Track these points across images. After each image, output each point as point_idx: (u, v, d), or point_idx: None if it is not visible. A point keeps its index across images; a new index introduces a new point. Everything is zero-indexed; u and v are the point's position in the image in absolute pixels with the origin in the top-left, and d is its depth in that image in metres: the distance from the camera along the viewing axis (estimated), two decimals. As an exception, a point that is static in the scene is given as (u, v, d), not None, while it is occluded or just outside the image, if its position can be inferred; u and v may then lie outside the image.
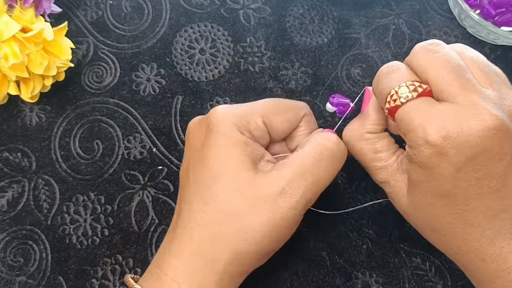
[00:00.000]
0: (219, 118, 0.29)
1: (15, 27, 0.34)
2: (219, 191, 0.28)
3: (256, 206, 0.27)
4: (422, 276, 0.35)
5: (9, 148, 0.39)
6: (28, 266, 0.36)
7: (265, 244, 0.28)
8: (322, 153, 0.29)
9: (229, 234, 0.27)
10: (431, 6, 0.43)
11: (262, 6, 0.43)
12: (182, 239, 0.28)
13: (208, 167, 0.28)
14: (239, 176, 0.28)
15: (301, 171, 0.28)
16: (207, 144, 0.29)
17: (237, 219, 0.27)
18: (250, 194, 0.27)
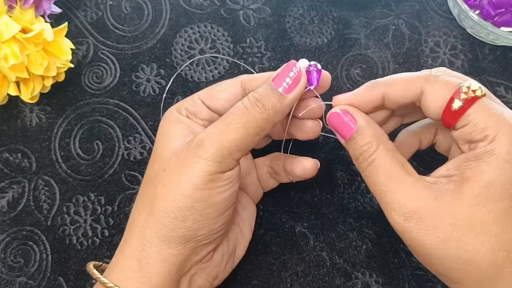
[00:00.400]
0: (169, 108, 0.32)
1: (15, 28, 0.34)
2: (150, 163, 0.30)
3: (168, 162, 0.28)
4: (422, 276, 0.35)
5: (9, 149, 0.39)
6: (28, 266, 0.36)
7: (180, 202, 0.27)
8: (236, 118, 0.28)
9: (148, 195, 0.29)
10: (430, 7, 0.43)
11: (262, 6, 0.43)
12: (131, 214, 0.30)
13: (154, 146, 0.31)
14: (165, 146, 0.29)
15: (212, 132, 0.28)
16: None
17: (152, 180, 0.29)
18: (167, 156, 0.29)
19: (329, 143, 0.39)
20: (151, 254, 0.27)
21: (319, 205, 0.37)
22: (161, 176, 0.28)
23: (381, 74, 0.41)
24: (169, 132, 0.30)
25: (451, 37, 0.42)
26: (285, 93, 0.29)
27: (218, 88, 0.32)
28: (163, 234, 0.27)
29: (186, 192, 0.27)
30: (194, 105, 0.32)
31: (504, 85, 0.40)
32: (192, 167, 0.27)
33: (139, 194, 0.30)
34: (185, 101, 0.32)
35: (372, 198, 0.37)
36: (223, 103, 0.31)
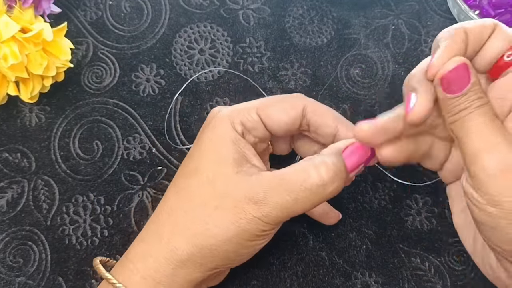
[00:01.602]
0: (214, 114, 0.30)
1: (15, 28, 0.34)
2: (193, 182, 0.28)
3: (224, 203, 0.27)
4: (422, 276, 0.35)
5: (9, 149, 0.39)
6: (27, 266, 0.36)
7: (227, 244, 0.27)
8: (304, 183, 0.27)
9: (192, 223, 0.28)
10: (430, 7, 0.43)
11: (261, 6, 0.43)
12: (149, 225, 0.29)
13: (192, 159, 0.29)
14: (217, 170, 0.28)
15: (277, 191, 0.27)
16: (199, 138, 0.30)
17: (202, 213, 0.27)
18: (221, 190, 0.27)
19: (329, 143, 0.39)
20: (181, 273, 0.28)
21: (318, 205, 0.37)
22: (213, 214, 0.27)
23: (380, 74, 0.41)
24: (222, 153, 0.28)
25: (450, 37, 0.42)
26: (350, 171, 0.28)
27: (278, 107, 0.30)
28: (199, 263, 0.28)
29: (238, 241, 0.27)
30: (251, 121, 0.30)
31: (503, 85, 0.40)
32: (251, 224, 0.27)
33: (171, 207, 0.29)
34: (240, 112, 0.30)
35: (372, 198, 0.37)
36: (281, 125, 0.30)
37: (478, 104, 0.25)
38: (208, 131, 0.30)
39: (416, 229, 0.37)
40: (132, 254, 0.29)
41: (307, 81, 0.41)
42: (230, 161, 0.28)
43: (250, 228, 0.27)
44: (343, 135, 0.30)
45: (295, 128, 0.31)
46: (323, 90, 0.40)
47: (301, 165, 0.28)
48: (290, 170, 0.28)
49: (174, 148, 0.39)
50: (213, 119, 0.30)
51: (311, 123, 0.31)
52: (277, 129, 0.30)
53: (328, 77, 0.41)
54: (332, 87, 0.40)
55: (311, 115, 0.30)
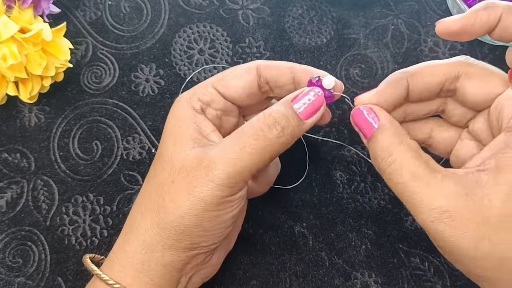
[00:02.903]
0: (176, 100, 0.31)
1: (14, 28, 0.34)
2: (157, 166, 0.29)
3: (179, 177, 0.27)
4: (421, 276, 0.35)
5: (8, 149, 0.39)
6: (27, 267, 0.36)
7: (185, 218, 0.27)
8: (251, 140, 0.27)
9: (154, 203, 0.28)
10: (430, 7, 0.43)
11: (261, 6, 0.43)
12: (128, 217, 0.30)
13: (159, 146, 0.30)
14: (174, 150, 0.28)
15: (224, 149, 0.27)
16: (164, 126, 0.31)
17: (161, 189, 0.28)
18: (178, 167, 0.28)
19: (328, 143, 0.39)
20: (154, 257, 0.28)
21: (318, 205, 0.37)
22: (169, 188, 0.27)
23: (380, 74, 0.41)
24: (179, 133, 0.29)
25: (450, 37, 0.42)
26: (305, 118, 0.28)
27: (231, 74, 0.31)
28: (167, 243, 0.27)
29: (195, 212, 0.27)
30: (208, 95, 0.30)
31: (503, 85, 0.40)
32: (203, 190, 0.26)
33: (142, 194, 0.30)
34: (196, 89, 0.30)
35: (372, 198, 0.37)
36: (239, 91, 0.30)
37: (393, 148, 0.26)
38: (169, 115, 0.30)
39: (415, 229, 0.37)
40: (115, 246, 0.30)
41: (307, 81, 0.41)
42: (187, 139, 0.28)
43: (205, 195, 0.26)
44: (300, 80, 0.30)
45: (255, 91, 0.30)
46: (323, 90, 0.40)
47: (248, 121, 0.28)
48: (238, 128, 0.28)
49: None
50: (174, 104, 0.30)
51: (268, 79, 0.30)
52: (236, 96, 0.30)
53: (327, 77, 0.41)
54: (331, 87, 0.40)
55: (266, 71, 0.30)
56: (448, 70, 0.28)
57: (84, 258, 0.30)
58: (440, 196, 0.24)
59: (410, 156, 0.25)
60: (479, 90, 0.27)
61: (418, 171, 0.25)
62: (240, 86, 0.30)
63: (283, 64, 0.31)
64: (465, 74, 0.27)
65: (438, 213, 0.24)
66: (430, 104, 0.30)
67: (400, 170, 0.25)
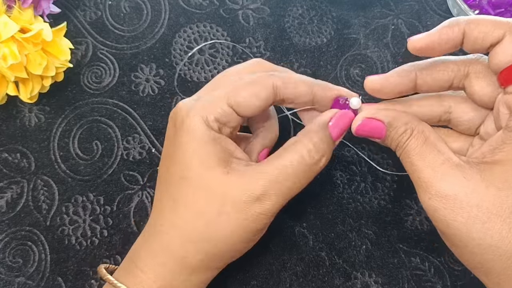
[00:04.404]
0: (184, 114, 0.29)
1: (14, 28, 0.34)
2: (188, 190, 0.28)
3: (226, 208, 0.27)
4: (421, 276, 0.35)
5: (8, 149, 0.39)
6: (27, 267, 0.36)
7: (234, 245, 0.28)
8: (299, 168, 0.28)
9: (198, 234, 0.28)
10: (430, 6, 0.43)
11: (261, 6, 0.43)
12: (155, 236, 0.29)
13: (177, 164, 0.28)
14: (207, 174, 0.28)
15: (276, 182, 0.27)
16: (175, 143, 0.29)
17: (206, 220, 0.27)
18: (220, 196, 0.27)
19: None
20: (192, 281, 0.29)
21: (318, 205, 0.37)
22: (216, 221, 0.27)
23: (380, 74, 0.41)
24: (205, 155, 0.28)
25: (450, 37, 0.42)
26: (335, 139, 0.30)
27: (248, 92, 0.29)
28: (208, 268, 0.29)
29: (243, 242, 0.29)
30: (225, 115, 0.29)
31: (503, 85, 0.40)
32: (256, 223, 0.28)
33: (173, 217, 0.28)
34: (210, 107, 0.28)
35: (372, 198, 0.37)
36: (254, 109, 0.29)
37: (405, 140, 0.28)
38: (184, 134, 0.28)
39: (416, 229, 0.37)
40: (143, 264, 0.29)
41: (307, 81, 0.40)
42: (216, 161, 0.28)
43: (255, 225, 0.28)
44: (321, 99, 0.31)
45: (268, 106, 0.30)
46: (323, 90, 0.40)
47: (292, 150, 0.28)
48: (283, 159, 0.28)
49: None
50: (184, 120, 0.28)
51: (285, 97, 0.30)
52: (250, 113, 0.30)
53: (327, 77, 0.41)
54: (331, 87, 0.40)
55: (283, 91, 0.30)
56: (458, 68, 0.28)
57: (102, 272, 0.30)
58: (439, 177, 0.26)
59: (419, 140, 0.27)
60: (485, 90, 0.28)
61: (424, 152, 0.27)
62: (256, 106, 0.29)
63: (300, 82, 0.30)
64: (473, 72, 0.28)
65: (435, 191, 0.26)
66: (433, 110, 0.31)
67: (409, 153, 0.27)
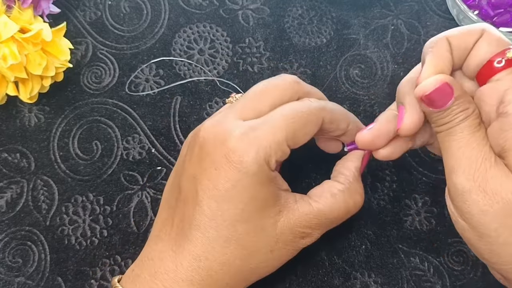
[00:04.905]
0: (244, 154, 0.27)
1: (14, 28, 0.34)
2: (243, 231, 0.28)
3: (277, 244, 0.29)
4: (421, 276, 0.36)
5: (8, 149, 0.39)
6: (27, 267, 0.36)
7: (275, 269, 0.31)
8: (346, 216, 0.31)
9: (250, 270, 0.29)
10: (429, 7, 0.43)
11: (261, 6, 0.43)
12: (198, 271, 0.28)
13: (233, 207, 0.27)
14: (263, 215, 0.28)
15: (320, 225, 0.30)
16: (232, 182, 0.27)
17: (258, 256, 0.29)
18: (273, 233, 0.29)
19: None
20: None
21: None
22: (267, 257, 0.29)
23: (380, 74, 0.41)
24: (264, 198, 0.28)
25: (450, 37, 0.42)
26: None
27: (305, 131, 0.29)
28: None
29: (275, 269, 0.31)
30: (283, 156, 0.28)
31: (503, 85, 0.40)
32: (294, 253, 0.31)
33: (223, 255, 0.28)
34: (272, 148, 0.27)
35: (371, 198, 0.37)
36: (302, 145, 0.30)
37: (462, 117, 0.26)
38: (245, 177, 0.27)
39: (415, 229, 0.37)
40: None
41: (307, 81, 0.41)
42: (272, 202, 0.29)
43: (294, 253, 0.31)
44: (351, 137, 0.32)
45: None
46: (323, 90, 0.40)
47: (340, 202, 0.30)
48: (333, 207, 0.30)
49: (174, 148, 0.39)
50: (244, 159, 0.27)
51: (325, 130, 0.31)
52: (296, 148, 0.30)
53: (327, 77, 0.41)
54: (331, 87, 0.40)
55: (327, 126, 0.30)
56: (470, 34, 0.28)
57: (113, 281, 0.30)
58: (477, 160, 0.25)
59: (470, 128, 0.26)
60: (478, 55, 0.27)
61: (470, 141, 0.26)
62: (306, 141, 0.30)
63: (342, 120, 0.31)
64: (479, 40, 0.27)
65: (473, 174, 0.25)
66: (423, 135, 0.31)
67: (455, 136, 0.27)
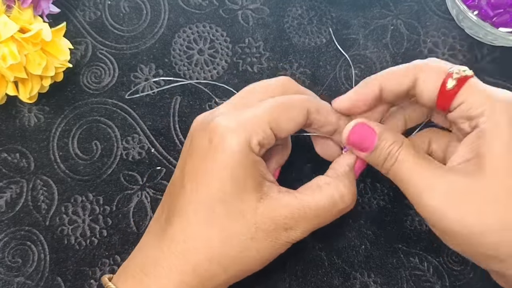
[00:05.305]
0: (224, 132, 0.28)
1: (14, 28, 0.34)
2: (223, 213, 0.28)
3: (257, 233, 0.28)
4: (420, 276, 0.36)
5: (8, 149, 0.39)
6: (26, 266, 0.36)
7: (260, 265, 0.30)
8: (331, 209, 0.30)
9: (229, 255, 0.28)
10: (429, 7, 0.43)
11: (260, 6, 0.43)
12: (177, 254, 0.28)
13: (211, 187, 0.28)
14: (243, 198, 0.28)
15: (305, 219, 0.29)
16: (211, 159, 0.28)
17: (238, 242, 0.28)
18: (253, 220, 0.28)
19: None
20: None
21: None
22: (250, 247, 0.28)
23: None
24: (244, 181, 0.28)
25: (449, 37, 0.42)
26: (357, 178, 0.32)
27: (288, 117, 0.29)
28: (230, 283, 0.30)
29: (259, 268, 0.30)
30: (267, 138, 0.28)
31: (502, 86, 0.40)
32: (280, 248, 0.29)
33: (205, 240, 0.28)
34: (254, 129, 0.28)
35: (371, 198, 0.37)
36: (289, 133, 0.30)
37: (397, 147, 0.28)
38: (224, 154, 0.27)
39: (415, 229, 0.37)
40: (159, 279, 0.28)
41: (306, 81, 0.41)
42: (253, 186, 0.28)
43: (280, 250, 0.30)
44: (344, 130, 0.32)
45: (299, 129, 0.31)
46: (322, 91, 0.40)
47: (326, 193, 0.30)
48: (316, 198, 0.29)
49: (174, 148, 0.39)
50: (225, 139, 0.27)
51: (314, 123, 0.31)
52: (283, 136, 0.30)
53: (327, 77, 0.41)
54: (331, 87, 0.41)
55: (315, 116, 0.31)
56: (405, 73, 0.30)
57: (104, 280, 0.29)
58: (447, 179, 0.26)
59: (411, 150, 0.28)
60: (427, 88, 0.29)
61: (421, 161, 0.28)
62: (291, 129, 0.30)
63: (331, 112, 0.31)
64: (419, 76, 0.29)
65: (448, 193, 0.26)
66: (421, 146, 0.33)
67: (404, 164, 0.28)
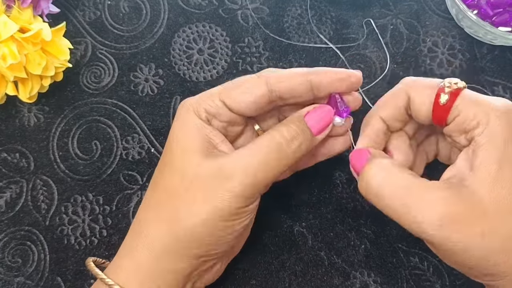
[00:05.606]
0: (180, 106, 0.30)
1: (13, 28, 0.34)
2: (166, 174, 0.29)
3: (193, 186, 0.27)
4: (420, 275, 0.36)
5: (7, 149, 0.39)
6: (26, 266, 0.36)
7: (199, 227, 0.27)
8: (269, 146, 0.28)
9: (166, 212, 0.28)
10: (429, 7, 0.43)
11: (260, 6, 0.43)
12: (134, 220, 0.30)
13: (165, 153, 0.30)
14: (185, 159, 0.28)
15: (243, 160, 0.28)
16: (169, 133, 0.30)
17: (176, 199, 0.28)
18: (191, 176, 0.28)
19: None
20: (163, 265, 0.28)
21: (317, 205, 0.37)
22: (183, 197, 0.28)
23: (379, 74, 0.41)
24: (188, 143, 0.29)
25: (449, 36, 0.42)
26: (316, 134, 0.30)
27: (240, 89, 0.29)
28: (178, 252, 0.28)
29: (210, 222, 0.27)
30: (214, 107, 0.29)
31: (502, 85, 0.40)
32: (220, 200, 0.27)
33: (149, 201, 0.30)
34: (203, 99, 0.30)
35: (371, 197, 0.37)
36: (248, 105, 0.29)
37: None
38: (175, 122, 0.30)
39: (414, 228, 0.37)
40: (121, 251, 0.29)
41: (306, 81, 0.41)
42: (197, 148, 0.28)
43: (222, 206, 0.27)
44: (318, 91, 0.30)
45: (264, 105, 0.30)
46: (322, 90, 0.40)
47: (265, 134, 0.29)
48: (254, 141, 0.29)
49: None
50: (179, 111, 0.30)
51: (281, 93, 0.30)
52: (245, 110, 0.30)
53: (326, 77, 0.41)
54: (330, 87, 0.40)
55: (278, 85, 0.29)
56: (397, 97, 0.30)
57: (88, 261, 0.30)
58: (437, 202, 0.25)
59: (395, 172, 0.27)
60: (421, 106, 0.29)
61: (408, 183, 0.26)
62: (249, 101, 0.29)
63: (294, 72, 0.30)
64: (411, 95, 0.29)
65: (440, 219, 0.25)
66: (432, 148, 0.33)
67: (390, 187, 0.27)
